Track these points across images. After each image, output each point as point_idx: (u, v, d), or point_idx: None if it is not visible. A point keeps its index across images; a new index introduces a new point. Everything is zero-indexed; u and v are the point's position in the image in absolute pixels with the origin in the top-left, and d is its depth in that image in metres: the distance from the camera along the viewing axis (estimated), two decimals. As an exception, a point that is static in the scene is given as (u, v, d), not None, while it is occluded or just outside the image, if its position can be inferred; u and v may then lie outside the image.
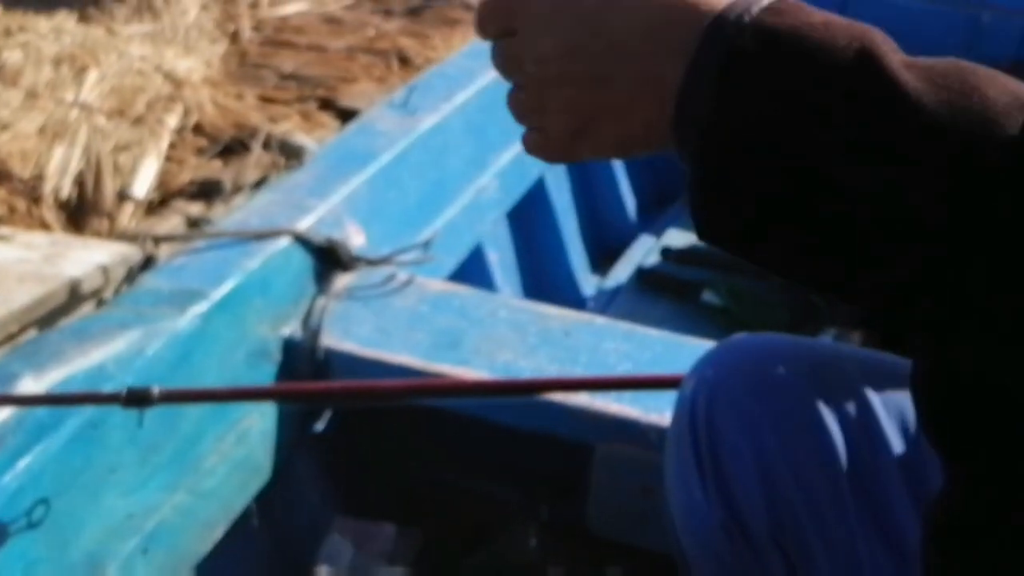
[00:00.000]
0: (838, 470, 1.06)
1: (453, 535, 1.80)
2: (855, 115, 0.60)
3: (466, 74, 2.43)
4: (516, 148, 2.45)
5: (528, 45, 0.71)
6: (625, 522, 1.63)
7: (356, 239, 1.94)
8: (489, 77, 2.43)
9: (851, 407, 1.07)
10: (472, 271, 2.31)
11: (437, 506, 1.83)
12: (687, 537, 1.18)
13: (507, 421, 1.64)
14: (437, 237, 2.07)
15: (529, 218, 2.61)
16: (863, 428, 1.06)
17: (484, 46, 2.50)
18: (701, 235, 0.66)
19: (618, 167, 2.90)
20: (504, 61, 0.73)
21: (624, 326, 1.78)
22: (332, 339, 1.71)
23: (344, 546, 1.66)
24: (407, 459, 1.83)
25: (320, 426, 1.71)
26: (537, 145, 0.74)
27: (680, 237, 2.79)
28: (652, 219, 2.95)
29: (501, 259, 2.46)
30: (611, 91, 0.68)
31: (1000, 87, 0.61)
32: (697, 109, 0.63)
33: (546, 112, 0.71)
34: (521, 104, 0.73)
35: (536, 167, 2.53)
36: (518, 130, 2.53)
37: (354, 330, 1.73)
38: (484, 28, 0.74)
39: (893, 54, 0.61)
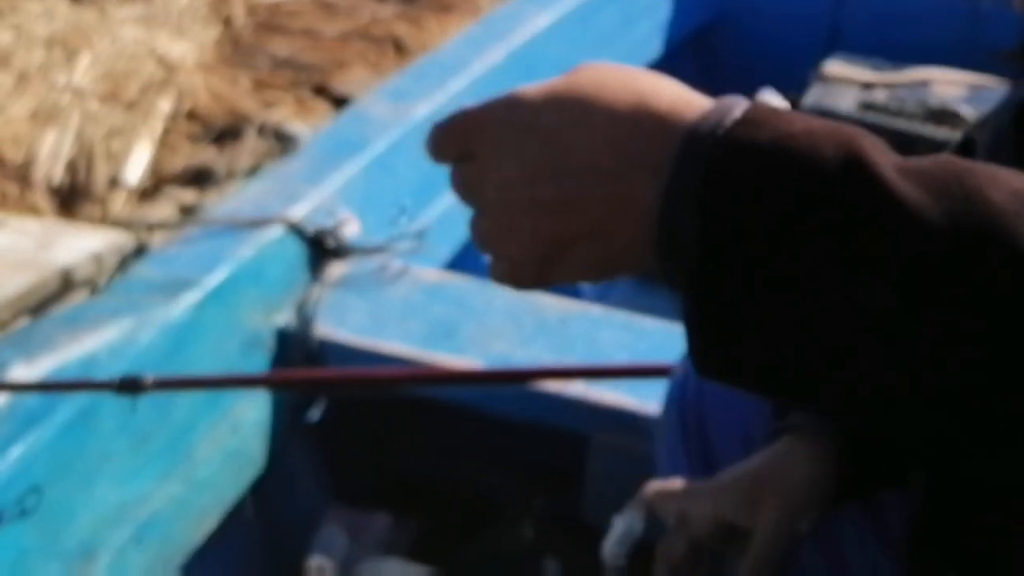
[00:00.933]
0: None
1: (448, 525, 1.80)
2: (850, 232, 0.57)
3: (461, 61, 2.42)
4: (511, 136, 2.45)
5: (488, 170, 0.66)
6: (621, 510, 1.63)
7: (350, 227, 1.93)
8: (484, 64, 2.42)
9: None
10: (467, 260, 2.30)
11: (432, 496, 1.83)
12: None
13: (502, 411, 1.64)
14: (432, 226, 2.06)
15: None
16: None
17: (479, 33, 2.49)
18: (698, 372, 0.62)
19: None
20: (463, 187, 0.68)
21: (621, 316, 1.78)
22: (326, 328, 1.71)
23: (338, 536, 1.66)
24: (402, 449, 1.82)
25: (314, 415, 1.71)
26: (505, 274, 0.68)
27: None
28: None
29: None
30: (582, 214, 0.63)
31: (1003, 187, 0.57)
32: (681, 237, 0.60)
33: (512, 240, 0.66)
34: (485, 232, 0.67)
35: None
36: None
37: (348, 319, 1.73)
38: (440, 152, 0.68)
39: (884, 158, 0.58)
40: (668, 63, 3.17)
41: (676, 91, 0.65)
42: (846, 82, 2.70)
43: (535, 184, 0.64)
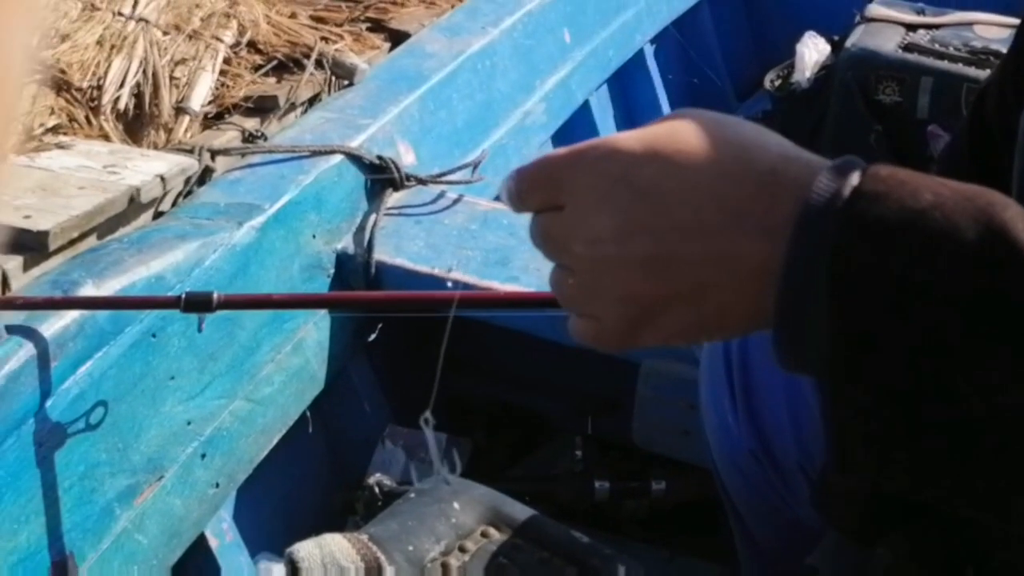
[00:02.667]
0: None
1: (501, 445, 1.77)
2: (999, 314, 0.50)
3: (514, -1, 2.35)
4: (562, 72, 2.38)
5: (578, 223, 0.59)
6: (668, 436, 1.59)
7: (407, 158, 1.88)
8: (536, 2, 2.35)
9: None
10: (519, 192, 2.25)
11: (486, 418, 1.79)
12: (720, 458, 1.16)
13: (554, 337, 1.59)
14: (486, 159, 2.00)
15: (573, 141, 2.54)
16: None
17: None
18: (839, 470, 0.56)
19: (660, 90, 2.82)
20: (547, 239, 0.61)
21: None
22: (384, 254, 1.66)
23: (396, 454, 1.62)
24: (457, 371, 1.78)
25: (372, 338, 1.67)
26: (590, 335, 0.61)
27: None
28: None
29: (547, 181, 2.40)
30: (679, 274, 0.57)
31: None
32: (810, 321, 0.53)
33: (600, 299, 0.59)
34: (570, 289, 0.60)
35: (581, 92, 2.46)
36: (563, 54, 2.45)
37: (405, 246, 1.68)
38: (524, 201, 0.62)
39: (1023, 224, 0.50)
40: (716, 6, 3.08)
41: (781, 145, 0.58)
42: (890, 23, 2.60)
43: (631, 240, 0.57)
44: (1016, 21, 2.70)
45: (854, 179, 0.54)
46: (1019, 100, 0.86)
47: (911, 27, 2.60)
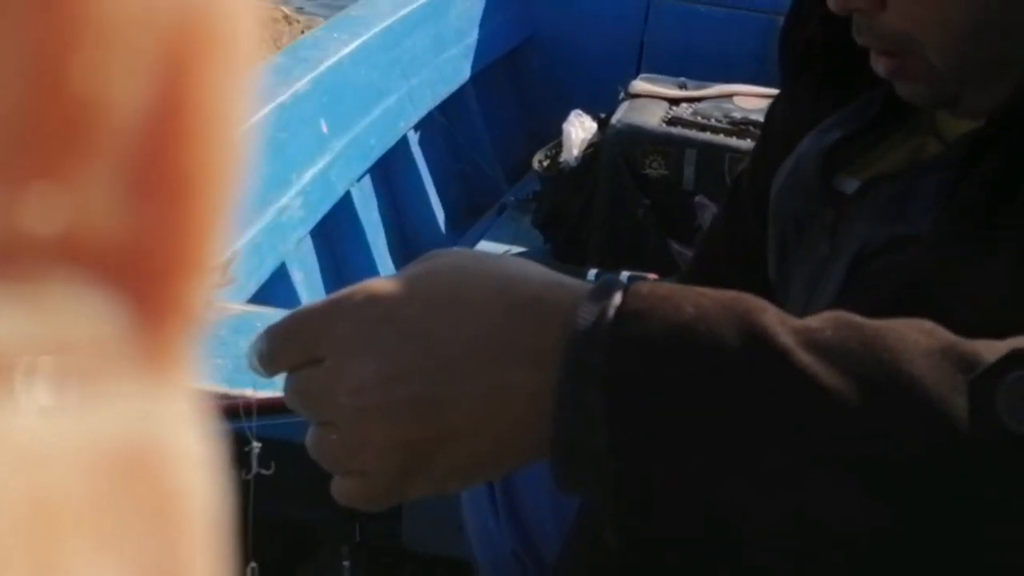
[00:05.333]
0: None
1: (263, 569, 1.72)
2: (769, 418, 0.54)
3: (264, 91, 2.36)
4: (320, 163, 2.40)
5: (339, 374, 0.59)
6: (442, 534, 1.58)
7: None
8: (288, 93, 2.37)
9: None
10: (276, 292, 2.23)
11: (244, 538, 1.74)
12: (483, 561, 1.17)
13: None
14: (237, 259, 1.99)
15: (336, 235, 2.55)
16: None
17: (282, 62, 2.40)
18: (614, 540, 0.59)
19: (426, 177, 2.88)
20: (306, 396, 0.61)
21: None
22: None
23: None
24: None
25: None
26: (354, 494, 0.61)
27: (492, 248, 2.77)
28: (463, 231, 2.93)
29: (307, 278, 2.40)
30: (451, 412, 0.58)
31: (915, 352, 0.54)
32: (586, 444, 0.55)
33: (366, 450, 0.59)
34: (332, 445, 0.60)
35: (341, 183, 2.48)
36: (320, 146, 2.45)
37: (147, 358, 1.64)
38: (277, 360, 0.62)
39: (787, 336, 0.54)
40: (481, 83, 3.17)
41: (544, 274, 0.61)
42: (653, 98, 2.74)
43: (397, 384, 0.57)
44: (773, 91, 2.88)
45: (616, 299, 0.56)
46: (768, 174, 0.93)
47: (674, 101, 2.75)
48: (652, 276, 2.14)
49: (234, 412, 1.56)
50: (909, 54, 0.77)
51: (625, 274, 2.36)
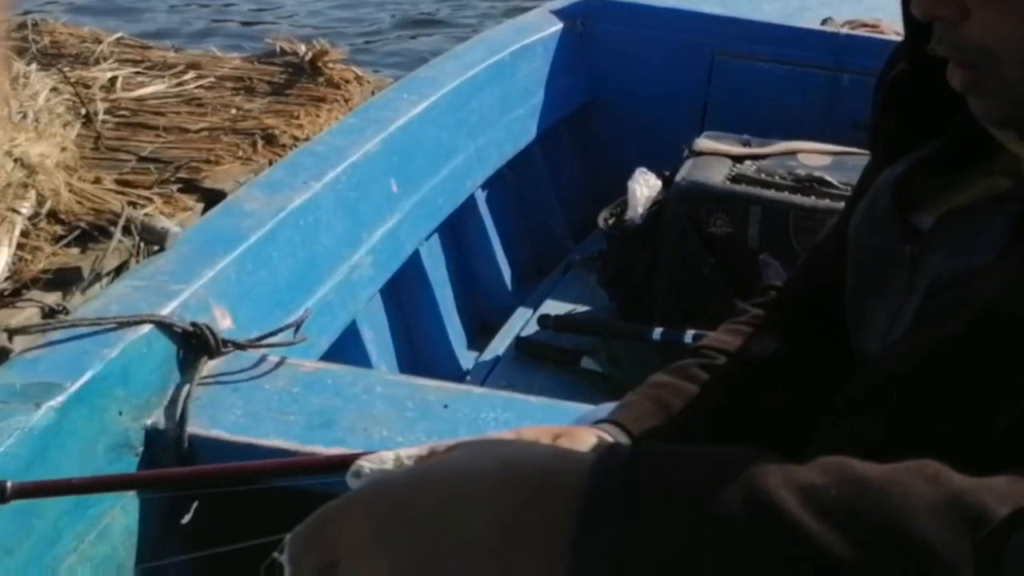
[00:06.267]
0: None
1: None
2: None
3: (336, 151, 2.41)
4: (390, 223, 2.44)
5: (354, 570, 0.60)
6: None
7: (223, 323, 1.89)
8: (360, 154, 2.41)
9: None
10: (347, 350, 2.26)
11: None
12: None
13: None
14: (310, 317, 2.02)
15: (405, 293, 2.58)
16: None
17: (354, 123, 2.47)
18: None
19: (493, 235, 2.90)
20: None
21: (503, 395, 1.76)
22: (198, 427, 1.65)
23: (216, 643, 1.58)
24: (280, 548, 1.76)
25: (186, 519, 1.64)
26: None
27: (558, 307, 2.79)
28: (529, 290, 2.95)
29: (376, 336, 2.43)
30: None
31: (922, 509, 0.54)
32: None
33: None
34: None
35: (410, 242, 2.52)
36: (391, 205, 2.50)
37: (222, 416, 1.67)
38: (304, 567, 0.63)
39: (787, 491, 0.55)
40: (547, 142, 3.21)
41: (548, 447, 0.63)
42: (717, 156, 2.75)
43: (412, 573, 0.58)
44: (836, 148, 2.87)
45: (622, 475, 0.56)
46: (850, 212, 0.96)
47: (738, 158, 2.75)
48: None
49: (304, 470, 1.59)
50: (986, 69, 0.77)
51: (691, 332, 2.37)
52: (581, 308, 2.79)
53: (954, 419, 0.72)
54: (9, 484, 1.25)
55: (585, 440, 0.88)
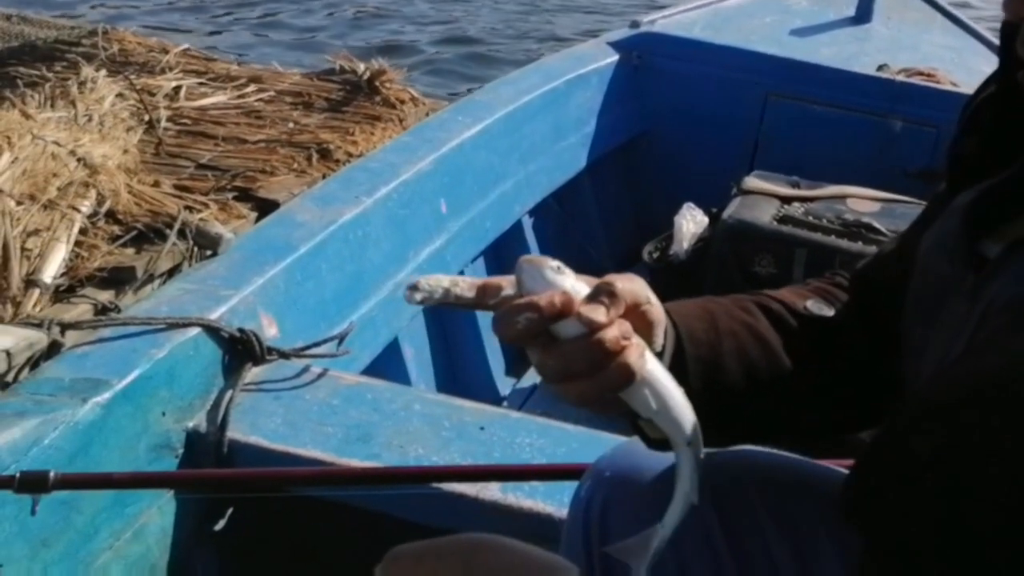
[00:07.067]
0: None
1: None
2: None
3: (389, 168, 2.43)
4: (437, 242, 2.46)
5: None
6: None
7: (269, 331, 1.91)
8: (412, 172, 2.43)
9: (744, 521, 1.06)
10: (388, 366, 2.28)
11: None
12: None
13: (416, 518, 1.60)
14: (354, 331, 2.04)
15: (448, 315, 2.59)
16: (755, 545, 1.06)
17: (407, 141, 2.49)
18: None
19: (536, 263, 2.90)
20: None
21: (540, 420, 1.76)
22: (238, 432, 1.67)
23: (244, 648, 1.60)
24: (312, 558, 1.77)
25: (222, 524, 1.66)
26: None
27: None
28: (571, 317, 2.94)
29: (417, 355, 2.44)
30: None
31: None
32: None
33: None
34: None
35: (456, 263, 2.53)
36: (439, 225, 2.51)
37: (262, 423, 1.69)
38: None
39: None
40: (596, 172, 3.22)
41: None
42: (765, 196, 2.75)
43: None
44: (886, 195, 2.85)
45: None
46: (920, 231, 0.97)
47: (786, 199, 2.75)
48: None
49: (339, 480, 1.60)
50: None
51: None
52: (622, 340, 2.78)
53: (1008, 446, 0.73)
54: (52, 474, 1.27)
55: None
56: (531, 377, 2.63)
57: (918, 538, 0.75)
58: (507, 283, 0.86)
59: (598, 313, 0.82)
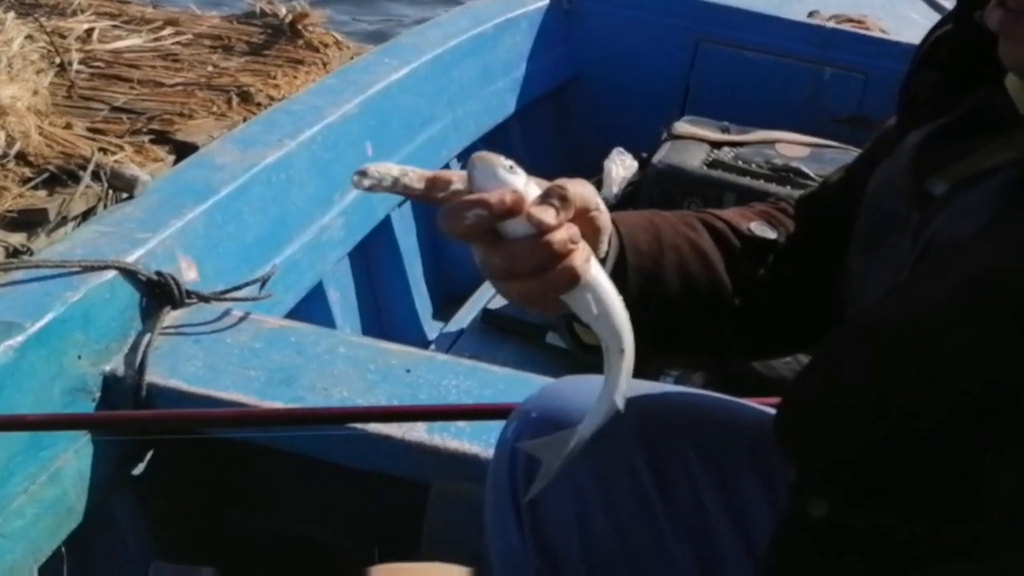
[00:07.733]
0: (657, 517, 1.05)
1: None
2: None
3: (313, 110, 2.39)
4: (362, 187, 2.42)
5: None
6: (464, 558, 1.59)
7: (189, 274, 1.88)
8: (337, 115, 2.40)
9: (671, 458, 1.07)
10: (312, 310, 2.26)
11: (264, 553, 1.76)
12: None
13: (339, 460, 1.59)
14: (276, 274, 2.01)
15: (373, 258, 2.57)
16: (681, 481, 1.06)
17: (332, 84, 2.46)
18: None
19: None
20: None
21: (466, 363, 1.75)
22: (157, 375, 1.64)
23: (163, 591, 1.58)
24: (231, 502, 1.75)
25: (141, 467, 1.63)
26: None
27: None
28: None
29: (342, 298, 2.42)
30: None
31: None
32: None
33: None
34: None
35: (382, 207, 2.51)
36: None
37: (181, 367, 1.66)
38: None
39: None
40: (525, 117, 3.20)
41: None
42: (695, 140, 2.75)
43: None
44: (816, 140, 2.88)
45: None
46: (869, 169, 0.99)
47: (716, 144, 2.76)
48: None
49: (261, 421, 1.59)
50: None
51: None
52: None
53: (939, 373, 0.75)
54: (-39, 420, 1.24)
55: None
56: (459, 320, 2.62)
57: (845, 456, 0.76)
58: (457, 178, 0.85)
59: (548, 215, 0.82)
